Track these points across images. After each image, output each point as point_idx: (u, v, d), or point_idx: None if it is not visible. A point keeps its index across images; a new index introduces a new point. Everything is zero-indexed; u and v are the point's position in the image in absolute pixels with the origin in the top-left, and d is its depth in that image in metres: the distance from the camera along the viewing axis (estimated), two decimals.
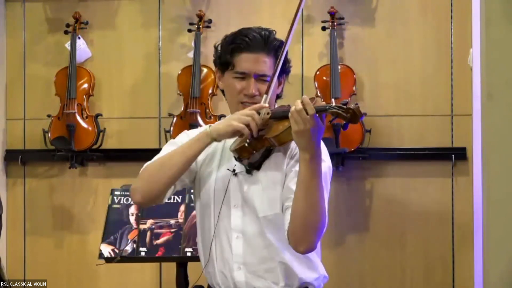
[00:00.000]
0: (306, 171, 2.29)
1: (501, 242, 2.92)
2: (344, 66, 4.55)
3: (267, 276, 2.45)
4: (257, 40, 2.47)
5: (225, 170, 2.49)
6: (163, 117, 4.75)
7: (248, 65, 2.46)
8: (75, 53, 4.69)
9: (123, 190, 3.74)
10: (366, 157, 4.50)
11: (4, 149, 4.91)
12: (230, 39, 2.51)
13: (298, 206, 2.32)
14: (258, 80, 2.47)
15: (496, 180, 2.93)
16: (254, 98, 2.47)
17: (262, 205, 2.44)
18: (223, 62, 2.52)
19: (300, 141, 2.27)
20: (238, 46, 2.48)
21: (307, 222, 2.31)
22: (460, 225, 4.52)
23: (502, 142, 2.92)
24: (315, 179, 2.29)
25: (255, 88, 2.46)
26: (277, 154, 2.47)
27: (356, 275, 4.62)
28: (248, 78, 2.47)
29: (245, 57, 2.47)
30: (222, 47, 2.53)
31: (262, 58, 2.47)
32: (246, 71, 2.47)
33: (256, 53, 2.46)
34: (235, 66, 2.48)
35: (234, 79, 2.49)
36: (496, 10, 2.91)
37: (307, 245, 2.36)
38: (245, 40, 2.47)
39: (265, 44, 2.47)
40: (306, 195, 2.30)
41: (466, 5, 4.31)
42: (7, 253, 4.88)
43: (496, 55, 2.92)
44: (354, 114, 2.21)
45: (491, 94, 2.93)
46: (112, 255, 3.51)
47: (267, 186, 2.44)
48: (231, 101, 2.52)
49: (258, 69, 2.46)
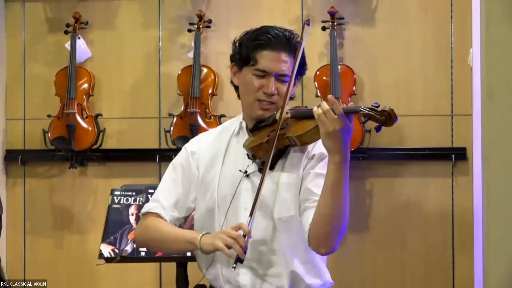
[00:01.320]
0: (334, 174, 2.27)
1: (501, 242, 2.91)
2: (344, 66, 4.55)
3: (273, 281, 2.44)
4: (280, 39, 2.45)
5: (232, 172, 2.46)
6: (163, 117, 4.74)
7: (269, 63, 2.44)
8: (75, 53, 4.69)
9: (123, 190, 3.73)
10: (366, 157, 4.50)
11: (4, 149, 4.91)
12: (253, 35, 2.48)
13: (325, 209, 2.30)
14: (278, 79, 2.45)
15: (496, 180, 2.93)
16: (272, 97, 2.45)
17: (277, 207, 2.42)
18: (244, 57, 2.48)
19: (329, 143, 2.25)
20: (261, 43, 2.45)
21: (332, 226, 2.31)
22: (460, 225, 4.52)
23: (502, 142, 2.92)
24: (343, 182, 2.29)
25: (274, 87, 2.44)
26: (294, 154, 2.44)
27: (356, 275, 4.62)
28: (268, 77, 2.45)
29: (267, 55, 2.44)
30: (244, 43, 2.49)
31: (283, 58, 2.45)
32: (267, 69, 2.45)
33: (278, 52, 2.44)
34: (256, 63, 2.45)
35: (253, 76, 2.46)
36: (496, 10, 2.90)
37: (330, 247, 2.36)
38: (269, 37, 2.45)
39: (287, 43, 2.46)
40: (334, 198, 2.29)
41: (466, 5, 4.31)
42: (7, 253, 4.88)
43: (496, 55, 2.92)
44: (389, 116, 2.17)
45: (491, 94, 2.93)
46: (112, 255, 3.51)
47: (282, 187, 2.42)
48: (247, 98, 2.49)
49: (280, 68, 2.44)
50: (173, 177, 2.56)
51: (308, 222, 2.35)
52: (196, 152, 2.57)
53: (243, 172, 2.45)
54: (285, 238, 2.41)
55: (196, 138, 2.67)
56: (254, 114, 2.48)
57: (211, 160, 2.54)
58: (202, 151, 2.57)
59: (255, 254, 2.43)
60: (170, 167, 2.59)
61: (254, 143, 2.39)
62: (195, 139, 2.65)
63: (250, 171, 2.45)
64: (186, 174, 2.56)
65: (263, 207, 2.42)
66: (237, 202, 2.45)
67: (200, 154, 2.56)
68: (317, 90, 4.49)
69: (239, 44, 2.51)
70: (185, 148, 2.60)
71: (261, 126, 2.47)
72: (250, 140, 2.44)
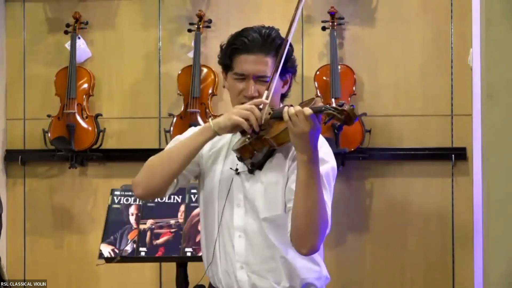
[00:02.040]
0: (304, 173, 2.28)
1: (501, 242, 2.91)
2: (344, 66, 4.55)
3: (269, 276, 2.45)
4: (256, 41, 2.46)
5: (230, 170, 2.49)
6: (163, 117, 4.75)
7: (246, 66, 2.46)
8: (75, 53, 4.69)
9: (123, 190, 3.74)
10: (366, 157, 4.50)
11: (4, 149, 4.91)
12: (231, 40, 2.52)
13: (298, 208, 2.32)
14: (257, 81, 2.46)
15: (496, 180, 2.93)
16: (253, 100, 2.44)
17: (263, 206, 2.44)
18: (224, 63, 2.53)
19: (298, 143, 2.27)
20: (236, 47, 2.47)
21: (308, 225, 2.31)
22: (460, 225, 4.52)
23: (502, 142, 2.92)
24: (314, 181, 2.28)
25: (254, 90, 2.45)
26: (279, 155, 2.46)
27: (356, 275, 4.62)
28: (247, 80, 2.47)
29: (244, 59, 2.46)
30: (223, 49, 2.53)
31: (261, 59, 2.45)
32: (245, 72, 2.46)
33: (254, 54, 2.45)
34: (234, 67, 2.48)
35: (234, 80, 2.49)
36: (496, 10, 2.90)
37: (310, 247, 2.36)
38: (244, 41, 2.46)
39: (264, 44, 2.46)
40: (306, 197, 2.29)
41: (466, 5, 4.31)
42: (7, 253, 4.88)
43: (496, 55, 2.92)
44: (348, 116, 2.19)
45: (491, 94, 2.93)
46: (112, 255, 3.51)
47: (269, 187, 2.44)
48: (232, 102, 2.53)
49: (257, 69, 2.45)
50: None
51: (290, 222, 2.36)
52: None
53: (233, 169, 2.48)
54: (275, 236, 2.43)
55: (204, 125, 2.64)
56: None
57: (213, 154, 2.56)
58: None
59: (249, 250, 2.45)
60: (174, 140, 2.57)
61: (240, 145, 2.40)
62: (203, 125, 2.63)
63: (240, 170, 2.48)
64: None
65: (251, 207, 2.45)
66: (231, 199, 2.48)
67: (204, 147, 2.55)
68: (317, 90, 4.49)
69: (220, 50, 2.55)
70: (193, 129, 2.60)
71: None
72: (238, 142, 2.46)
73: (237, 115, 2.36)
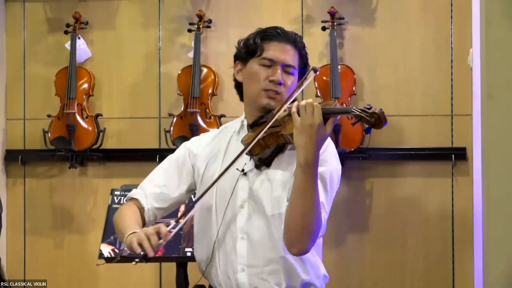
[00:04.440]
0: (301, 175, 2.27)
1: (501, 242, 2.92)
2: (344, 66, 4.55)
3: (270, 278, 2.44)
4: (288, 34, 2.53)
5: (231, 170, 2.45)
6: (163, 117, 4.75)
7: (277, 53, 2.50)
8: (75, 53, 4.69)
9: (123, 190, 3.74)
10: (366, 157, 4.50)
11: (4, 149, 4.91)
12: (260, 30, 2.56)
13: (293, 209, 2.31)
14: (284, 70, 2.49)
15: (496, 180, 2.93)
16: (278, 87, 2.47)
17: (271, 203, 2.42)
18: (251, 49, 2.53)
19: (301, 140, 2.24)
20: (269, 35, 2.52)
21: (301, 226, 2.30)
22: (460, 225, 4.52)
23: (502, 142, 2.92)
24: (311, 183, 2.27)
25: (281, 76, 2.48)
26: (290, 152, 2.44)
27: (356, 275, 4.62)
28: (274, 66, 2.49)
29: (275, 45, 2.51)
30: (252, 37, 2.55)
31: (290, 50, 2.51)
32: (275, 58, 2.49)
33: (285, 43, 2.51)
34: (263, 52, 2.51)
35: (260, 66, 2.50)
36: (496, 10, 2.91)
37: (300, 248, 2.35)
38: (277, 31, 2.52)
39: (294, 39, 2.52)
40: (301, 199, 2.28)
41: (466, 5, 4.31)
42: (7, 253, 4.89)
43: (496, 55, 2.92)
44: (379, 119, 2.18)
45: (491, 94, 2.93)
46: (112, 255, 3.51)
47: (277, 184, 2.43)
48: (253, 88, 2.51)
49: (286, 58, 2.50)
50: (164, 168, 2.63)
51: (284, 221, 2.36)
52: (194, 150, 2.61)
53: (240, 170, 2.46)
54: (278, 234, 2.41)
55: (197, 137, 2.70)
56: (260, 103, 2.49)
57: (211, 159, 2.55)
58: (201, 150, 2.60)
59: (252, 252, 2.44)
60: (165, 159, 2.66)
61: (251, 138, 2.39)
62: (196, 138, 2.69)
63: (247, 169, 2.46)
64: (178, 167, 2.60)
65: (257, 204, 2.44)
66: (235, 200, 2.46)
67: (198, 153, 2.59)
68: (317, 90, 4.49)
69: (246, 40, 2.56)
70: (184, 145, 2.65)
71: (260, 123, 2.47)
72: (248, 135, 2.45)
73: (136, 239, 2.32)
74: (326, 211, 2.38)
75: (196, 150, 2.60)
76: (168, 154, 2.71)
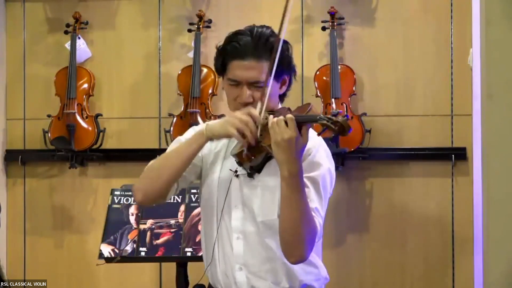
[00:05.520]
0: (287, 188, 2.24)
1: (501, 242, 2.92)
2: (344, 66, 4.55)
3: (268, 277, 2.44)
4: (247, 46, 2.39)
5: (229, 172, 2.47)
6: (163, 117, 4.75)
7: (239, 72, 2.39)
8: (75, 53, 4.69)
9: (123, 190, 3.74)
10: (366, 157, 4.50)
11: (4, 149, 4.91)
12: (224, 43, 2.45)
13: (284, 221, 2.29)
14: (252, 86, 2.40)
15: (496, 180, 2.93)
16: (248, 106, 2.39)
17: (260, 210, 2.42)
18: (218, 68, 2.48)
19: (278, 154, 2.21)
20: (228, 53, 2.41)
21: (293, 236, 2.28)
22: (460, 225, 4.52)
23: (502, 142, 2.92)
24: (297, 194, 2.24)
25: (248, 96, 2.39)
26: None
27: (356, 275, 4.62)
28: (241, 85, 2.41)
29: (236, 65, 2.40)
30: (217, 52, 2.47)
31: (253, 64, 2.38)
32: (237, 78, 2.40)
33: (246, 60, 2.38)
34: (227, 73, 2.43)
35: (228, 86, 2.44)
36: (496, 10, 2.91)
37: (298, 257, 2.33)
38: (235, 46, 2.40)
39: (256, 47, 2.39)
40: (289, 211, 2.26)
41: (466, 5, 4.31)
42: (7, 253, 4.89)
43: (496, 55, 2.92)
44: (342, 127, 2.14)
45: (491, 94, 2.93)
46: (112, 255, 3.51)
47: (267, 191, 2.42)
48: (229, 105, 2.49)
49: (250, 76, 2.38)
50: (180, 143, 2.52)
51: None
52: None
53: (233, 171, 2.45)
54: (272, 239, 2.41)
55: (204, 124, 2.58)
56: None
57: (214, 156, 2.54)
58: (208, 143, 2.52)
59: (248, 251, 2.44)
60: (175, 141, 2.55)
61: (238, 150, 2.38)
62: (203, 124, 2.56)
63: (240, 172, 2.45)
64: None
65: (248, 210, 2.43)
66: (229, 200, 2.46)
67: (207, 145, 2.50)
68: (317, 90, 4.49)
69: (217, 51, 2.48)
70: (193, 129, 2.58)
71: None
72: (236, 147, 2.43)
73: (233, 127, 2.30)
74: (321, 216, 2.36)
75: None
76: None
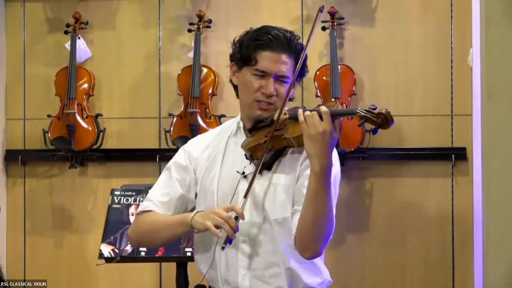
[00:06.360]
0: (316, 182, 2.26)
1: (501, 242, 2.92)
2: (344, 66, 4.55)
3: (272, 282, 2.43)
4: (280, 40, 2.43)
5: (230, 172, 2.46)
6: (163, 117, 4.75)
7: (269, 64, 2.42)
8: (75, 53, 4.69)
9: (123, 190, 3.73)
10: (366, 157, 4.50)
11: (4, 149, 4.91)
12: (254, 35, 2.46)
13: (307, 215, 2.30)
14: (277, 80, 2.43)
15: (496, 180, 2.93)
16: (270, 98, 2.43)
17: (273, 208, 2.41)
18: (244, 57, 2.46)
19: (311, 147, 2.24)
20: (261, 43, 2.43)
21: (315, 231, 2.30)
22: (460, 225, 4.52)
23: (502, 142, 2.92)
24: (325, 189, 2.26)
25: (273, 88, 2.42)
26: (292, 155, 2.43)
27: (356, 275, 4.62)
28: (267, 77, 2.43)
29: (268, 56, 2.42)
30: (244, 42, 2.47)
31: (284, 59, 2.43)
32: (267, 70, 2.43)
33: (278, 53, 2.42)
34: (256, 63, 2.44)
35: (252, 76, 2.45)
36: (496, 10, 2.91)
37: (313, 252, 2.35)
38: (269, 37, 2.43)
39: (288, 44, 2.43)
40: (315, 205, 2.28)
41: (466, 5, 4.32)
42: (7, 253, 4.88)
43: (496, 55, 2.93)
44: (386, 119, 2.16)
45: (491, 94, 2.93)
46: (112, 255, 3.51)
47: (279, 188, 2.41)
48: (246, 98, 2.48)
49: (279, 69, 2.42)
50: (169, 176, 2.56)
51: (295, 225, 2.35)
52: (193, 153, 2.56)
53: (240, 173, 2.44)
54: (281, 238, 2.40)
55: (195, 139, 2.65)
56: (253, 114, 2.47)
57: (210, 162, 2.53)
58: (199, 153, 2.56)
59: (254, 255, 2.43)
60: (167, 166, 2.59)
61: (251, 143, 2.38)
62: (194, 140, 2.64)
63: (247, 172, 2.44)
64: (182, 173, 2.55)
65: (259, 208, 2.42)
66: (236, 203, 2.42)
67: (198, 156, 2.55)
68: (317, 90, 4.49)
69: (239, 44, 2.49)
70: (183, 149, 2.59)
71: (260, 127, 2.46)
72: (248, 140, 2.43)
73: (212, 223, 2.30)
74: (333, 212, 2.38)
75: (196, 153, 2.56)
76: (168, 154, 2.71)
